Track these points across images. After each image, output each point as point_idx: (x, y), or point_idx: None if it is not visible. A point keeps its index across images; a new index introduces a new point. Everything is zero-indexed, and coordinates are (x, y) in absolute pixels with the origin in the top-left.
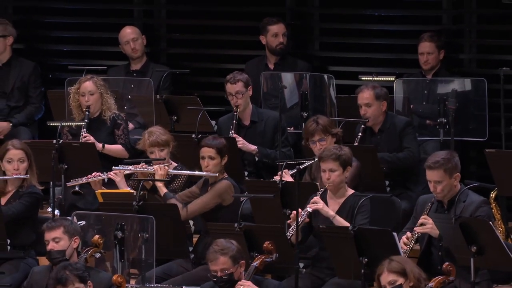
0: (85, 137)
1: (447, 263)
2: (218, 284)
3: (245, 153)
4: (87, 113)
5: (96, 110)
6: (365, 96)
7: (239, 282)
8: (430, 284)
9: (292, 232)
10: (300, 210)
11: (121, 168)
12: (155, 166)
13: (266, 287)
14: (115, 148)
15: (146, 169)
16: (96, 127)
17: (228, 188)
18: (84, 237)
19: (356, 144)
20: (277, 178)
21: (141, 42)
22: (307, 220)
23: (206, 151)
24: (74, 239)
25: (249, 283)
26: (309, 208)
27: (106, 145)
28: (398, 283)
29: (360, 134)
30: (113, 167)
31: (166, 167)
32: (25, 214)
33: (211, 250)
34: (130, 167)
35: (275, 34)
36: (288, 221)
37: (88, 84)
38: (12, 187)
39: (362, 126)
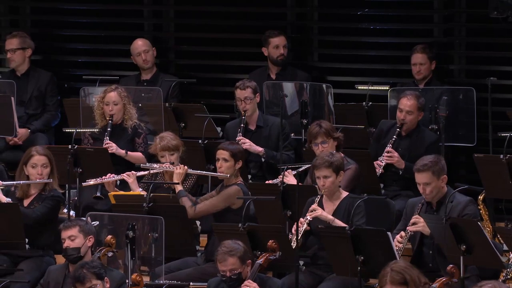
0: (107, 144)
1: (451, 265)
2: (228, 283)
3: (251, 154)
4: (109, 121)
5: (118, 119)
6: (409, 103)
7: (245, 283)
8: (434, 285)
9: (294, 243)
10: (301, 219)
11: (147, 166)
12: (174, 166)
13: (270, 286)
14: (137, 155)
15: (168, 168)
16: (117, 134)
17: (237, 193)
18: (98, 236)
19: (390, 145)
20: (285, 179)
21: (152, 54)
22: (308, 228)
23: (220, 153)
24: (88, 238)
25: (255, 284)
26: (309, 217)
27: (129, 152)
28: None
29: (394, 137)
30: (141, 165)
31: (186, 167)
32: (49, 216)
33: (219, 251)
34: (155, 165)
35: (276, 46)
36: (293, 230)
37: (113, 95)
38: (35, 190)
39: (398, 129)
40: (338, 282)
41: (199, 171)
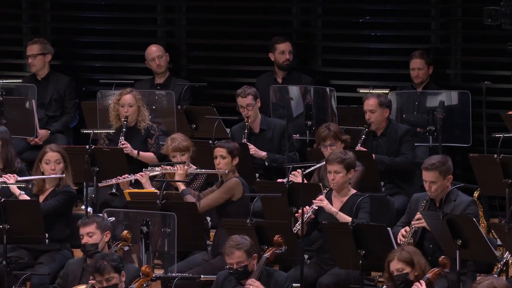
0: (123, 144)
1: (442, 256)
2: (234, 275)
3: (256, 158)
4: (124, 122)
5: (132, 120)
6: (370, 103)
7: (248, 281)
8: (428, 275)
9: (298, 227)
10: (307, 207)
11: (149, 169)
12: (176, 166)
13: (275, 278)
14: (148, 155)
15: (169, 170)
16: (131, 135)
17: (237, 184)
18: (114, 232)
19: (359, 145)
20: (292, 178)
21: (165, 59)
22: (313, 216)
23: (218, 151)
24: (105, 233)
25: (258, 283)
26: (314, 205)
27: (140, 153)
28: (405, 271)
29: (363, 136)
30: (143, 173)
31: (186, 167)
32: (60, 210)
33: (227, 245)
34: (156, 168)
35: (282, 51)
36: (296, 214)
37: (128, 97)
38: (50, 186)
39: (366, 130)
40: (339, 275)
41: (198, 170)
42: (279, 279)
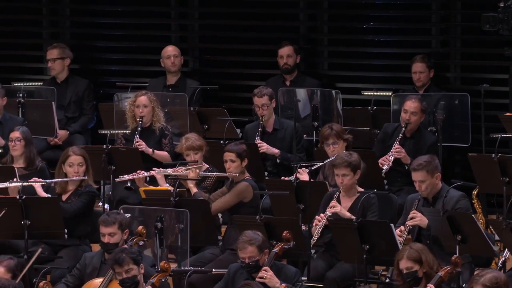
0: (137, 142)
1: (455, 255)
2: (246, 269)
3: (268, 154)
4: (140, 122)
5: (147, 121)
6: (413, 105)
7: (263, 269)
8: (440, 273)
9: (316, 237)
10: (322, 214)
11: (162, 171)
12: (188, 169)
13: (285, 273)
14: (163, 154)
15: (181, 173)
16: (146, 135)
17: (246, 188)
18: (129, 227)
19: (397, 143)
20: (298, 176)
21: (179, 60)
22: (327, 223)
23: (227, 155)
24: (125, 232)
25: (271, 272)
26: (328, 212)
27: (155, 151)
28: (414, 269)
29: (400, 135)
30: (156, 169)
31: (197, 170)
32: (85, 210)
33: (240, 240)
34: (169, 170)
35: (280, 56)
36: (314, 224)
37: (143, 98)
38: (72, 186)
39: (403, 128)
40: (345, 269)
41: (210, 173)
42: (289, 273)
